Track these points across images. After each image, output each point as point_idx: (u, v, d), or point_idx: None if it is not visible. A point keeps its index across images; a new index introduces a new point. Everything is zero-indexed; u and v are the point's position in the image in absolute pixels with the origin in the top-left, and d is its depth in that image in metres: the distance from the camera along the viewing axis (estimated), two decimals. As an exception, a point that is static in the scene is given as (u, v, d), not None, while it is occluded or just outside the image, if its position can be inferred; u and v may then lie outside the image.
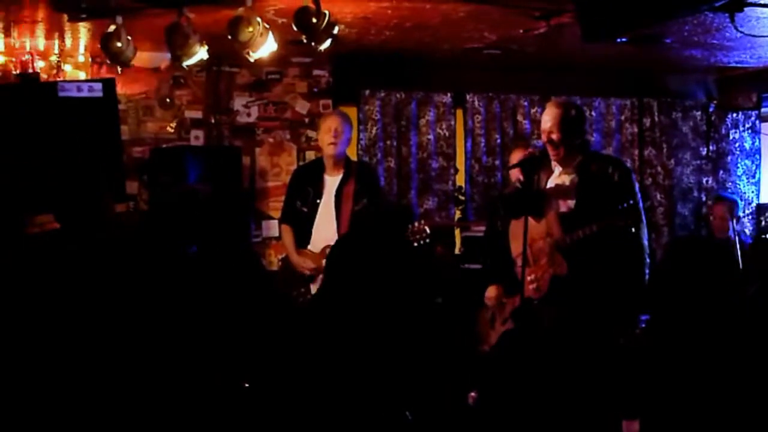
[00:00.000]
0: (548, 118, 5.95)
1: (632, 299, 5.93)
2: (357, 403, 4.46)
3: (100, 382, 4.37)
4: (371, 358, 4.53)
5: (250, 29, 6.16)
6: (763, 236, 7.17)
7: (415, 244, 7.04)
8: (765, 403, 3.78)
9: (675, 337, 3.98)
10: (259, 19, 6.21)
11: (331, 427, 4.27)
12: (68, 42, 7.97)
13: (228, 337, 4.74)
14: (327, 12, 6.03)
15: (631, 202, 5.67)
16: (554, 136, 5.90)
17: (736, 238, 8.06)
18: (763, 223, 7.25)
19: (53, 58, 8.35)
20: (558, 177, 6.04)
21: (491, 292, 6.48)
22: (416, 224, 6.98)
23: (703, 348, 3.88)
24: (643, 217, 5.96)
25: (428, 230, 6.97)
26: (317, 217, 7.09)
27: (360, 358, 4.50)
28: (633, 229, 5.74)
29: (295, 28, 6.09)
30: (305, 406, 4.39)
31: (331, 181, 7.11)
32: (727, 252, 4.00)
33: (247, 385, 4.65)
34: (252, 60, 6.52)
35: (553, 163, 6.06)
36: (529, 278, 5.89)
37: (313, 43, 6.16)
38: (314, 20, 5.99)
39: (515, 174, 6.60)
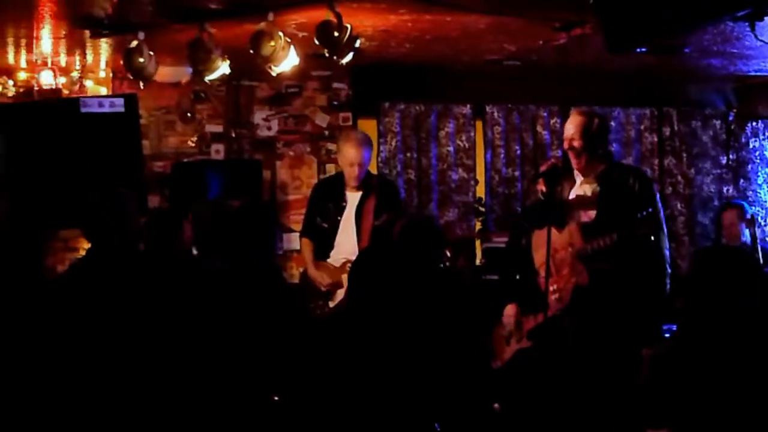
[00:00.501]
0: (571, 126, 5.97)
1: (654, 308, 5.93)
2: (383, 414, 4.46)
3: (128, 396, 4.39)
4: (397, 371, 4.53)
5: (272, 43, 6.18)
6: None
7: (440, 265, 7.05)
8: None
9: (705, 346, 3.96)
10: (281, 33, 6.23)
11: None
12: (89, 58, 8.01)
13: (254, 352, 4.76)
14: (349, 25, 6.05)
15: (651, 210, 5.66)
16: (576, 144, 5.90)
17: (756, 245, 8.07)
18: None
19: (75, 74, 8.40)
20: (580, 187, 6.05)
21: (510, 310, 6.46)
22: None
23: (734, 357, 3.87)
24: (664, 227, 5.96)
25: (449, 253, 7.00)
26: (338, 232, 7.11)
27: (386, 371, 4.50)
28: (653, 238, 5.74)
29: (317, 42, 6.10)
30: (334, 419, 4.40)
31: (352, 197, 7.12)
32: (756, 261, 4.01)
33: (276, 398, 4.66)
34: (274, 74, 6.55)
35: (575, 173, 6.07)
36: (551, 288, 5.88)
37: (335, 57, 6.17)
38: (336, 34, 6.00)
39: (541, 183, 6.60)
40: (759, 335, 3.95)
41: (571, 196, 6.06)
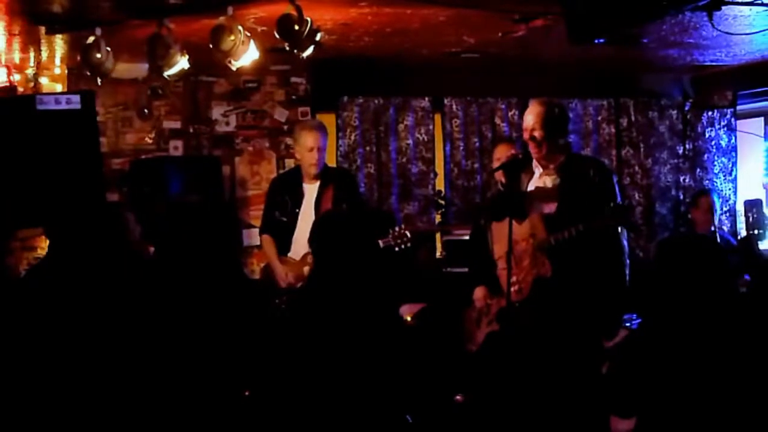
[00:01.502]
0: (531, 116, 5.95)
1: (614, 299, 5.95)
2: (351, 406, 4.46)
3: (88, 389, 4.35)
4: (358, 360, 4.53)
5: (232, 38, 6.14)
6: (752, 232, 7.21)
7: (397, 249, 7.06)
8: (761, 401, 3.79)
9: (670, 336, 3.97)
10: (240, 28, 6.19)
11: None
12: (44, 54, 7.92)
13: (219, 346, 4.73)
14: (309, 19, 6.01)
15: (618, 202, 5.69)
16: (537, 134, 5.89)
17: (717, 233, 8.14)
18: (751, 219, 7.28)
19: (30, 71, 8.30)
20: (539, 179, 6.05)
21: (479, 292, 6.46)
22: (398, 229, 7.01)
23: (699, 346, 3.89)
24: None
25: (409, 235, 7.00)
26: (297, 225, 7.09)
27: (346, 360, 4.51)
28: (619, 229, 5.77)
29: (277, 36, 6.07)
30: (301, 410, 4.39)
31: (310, 189, 7.11)
32: (721, 249, 4.03)
33: (247, 393, 4.64)
34: (234, 68, 6.50)
35: (534, 165, 6.06)
36: (512, 280, 5.88)
37: (296, 51, 6.13)
38: (297, 27, 5.97)
39: (500, 175, 6.60)
40: (723, 324, 3.96)
41: (530, 188, 6.06)
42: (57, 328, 4.44)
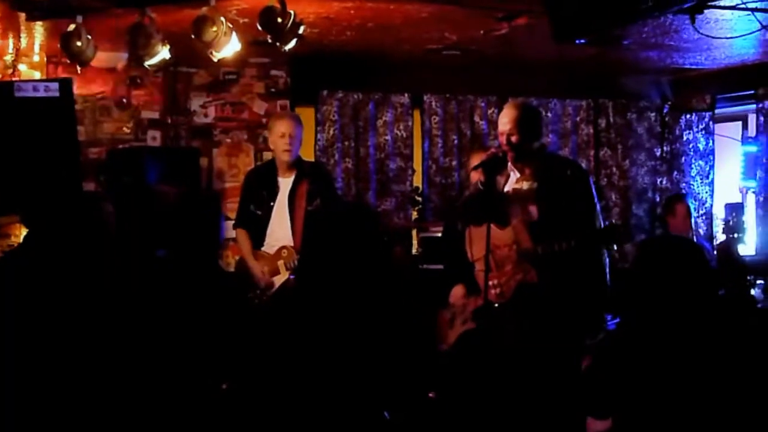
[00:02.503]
0: (506, 120, 5.91)
1: (596, 303, 5.96)
2: (329, 402, 4.45)
3: (73, 384, 4.33)
4: (338, 355, 4.53)
5: (214, 29, 6.12)
6: (731, 236, 7.25)
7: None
8: (741, 402, 3.80)
9: (648, 336, 3.98)
10: (223, 19, 6.17)
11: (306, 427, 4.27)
12: (24, 41, 7.86)
13: (200, 340, 4.72)
14: (292, 12, 6.00)
15: (614, 221, 5.71)
16: (513, 138, 5.86)
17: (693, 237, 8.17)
18: (730, 222, 7.32)
19: (8, 58, 8.23)
20: (516, 182, 6.03)
21: (457, 291, 6.45)
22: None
23: (677, 347, 3.90)
24: (601, 219, 5.99)
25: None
26: (271, 218, 7.07)
27: (326, 355, 4.50)
28: (615, 247, 5.80)
29: (260, 28, 6.05)
30: (279, 404, 4.38)
31: (285, 183, 7.09)
32: (701, 250, 4.03)
33: (225, 386, 4.63)
34: (216, 60, 6.48)
35: (510, 167, 6.04)
36: (491, 283, 5.86)
37: (278, 44, 6.12)
38: (280, 20, 5.95)
39: (476, 176, 6.59)
40: (703, 325, 3.97)
41: (507, 189, 6.05)
42: (29, 316, 4.41)
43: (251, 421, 4.45)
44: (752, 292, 7.36)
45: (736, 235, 7.37)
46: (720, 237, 8.83)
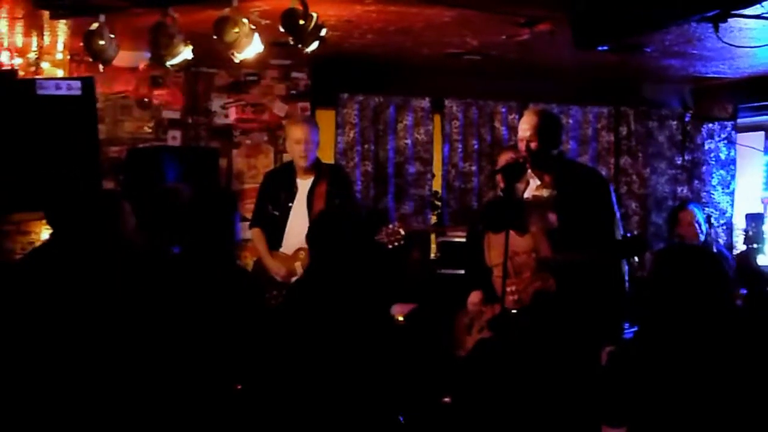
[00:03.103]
0: (526, 126, 5.91)
1: (614, 312, 5.94)
2: (344, 405, 4.45)
3: (82, 383, 4.34)
4: (350, 358, 4.53)
5: (236, 30, 6.11)
6: (750, 246, 7.22)
7: (390, 246, 7.04)
8: (758, 412, 3.79)
9: (665, 346, 3.96)
10: (245, 20, 6.17)
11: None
12: (47, 39, 7.89)
13: (215, 340, 4.72)
14: (314, 14, 6.00)
15: (635, 232, 5.68)
16: (532, 145, 5.86)
17: (712, 245, 8.12)
18: (750, 233, 7.29)
19: (31, 56, 8.27)
20: (535, 190, 6.02)
21: (474, 297, 6.44)
22: (391, 226, 6.99)
23: (693, 357, 3.88)
24: (620, 227, 5.97)
25: (403, 232, 6.98)
26: (290, 219, 7.09)
27: (339, 357, 4.50)
28: (636, 259, 5.79)
29: (282, 30, 6.05)
30: (293, 406, 4.38)
31: (303, 184, 7.11)
32: (719, 260, 4.02)
33: (239, 387, 4.63)
34: (237, 61, 6.48)
35: (529, 174, 6.03)
36: (509, 289, 5.85)
37: (299, 46, 6.12)
38: (302, 22, 5.95)
39: (499, 179, 6.59)
40: (720, 335, 3.95)
41: (527, 195, 6.04)
42: (50, 314, 4.42)
43: (265, 422, 4.45)
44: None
45: (755, 246, 7.33)
46: (741, 247, 8.79)
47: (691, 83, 10.05)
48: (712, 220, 8.94)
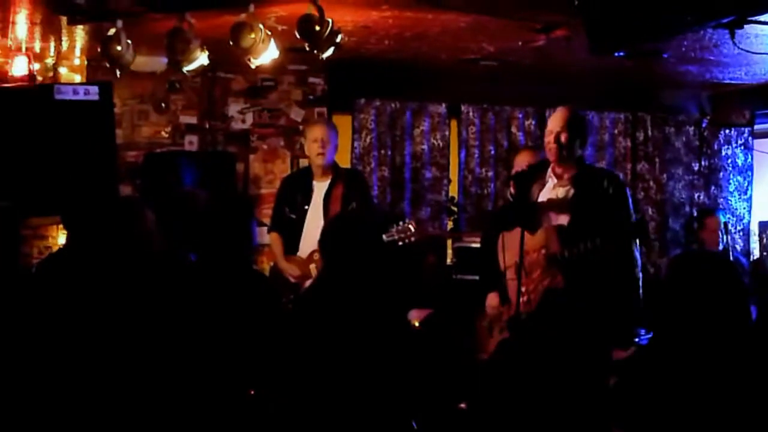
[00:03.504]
0: (558, 118, 5.94)
1: (627, 311, 5.92)
2: (358, 410, 4.45)
3: (103, 389, 4.35)
4: (365, 363, 4.53)
5: (253, 35, 6.15)
6: (764, 254, 7.22)
7: (400, 243, 7.02)
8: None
9: (679, 352, 3.96)
10: (261, 26, 6.20)
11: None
12: (65, 44, 7.94)
13: (231, 346, 4.72)
14: (330, 20, 6.02)
15: (639, 216, 5.68)
16: (563, 137, 5.87)
17: (729, 252, 8.11)
18: (764, 240, 7.28)
19: (49, 61, 8.32)
20: (552, 189, 6.02)
21: (492, 299, 6.44)
22: (401, 223, 6.98)
23: (708, 365, 3.87)
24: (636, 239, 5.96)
25: (413, 228, 6.95)
26: (306, 222, 7.11)
27: (354, 362, 4.51)
28: (638, 242, 5.76)
29: (298, 36, 6.07)
30: (307, 412, 4.39)
31: (320, 187, 7.13)
32: (734, 267, 4.01)
33: (252, 392, 4.63)
34: (253, 66, 6.52)
35: (548, 175, 6.04)
36: (521, 290, 5.85)
37: (315, 51, 6.14)
38: (318, 28, 5.97)
39: (511, 188, 6.60)
40: (734, 343, 3.94)
41: (542, 198, 6.04)
42: (66, 320, 4.44)
43: (280, 428, 4.46)
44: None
45: (768, 253, 7.34)
46: (757, 253, 8.79)
47: (708, 89, 10.04)
48: (729, 227, 8.91)
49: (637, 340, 6.70)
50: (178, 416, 4.43)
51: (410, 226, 6.91)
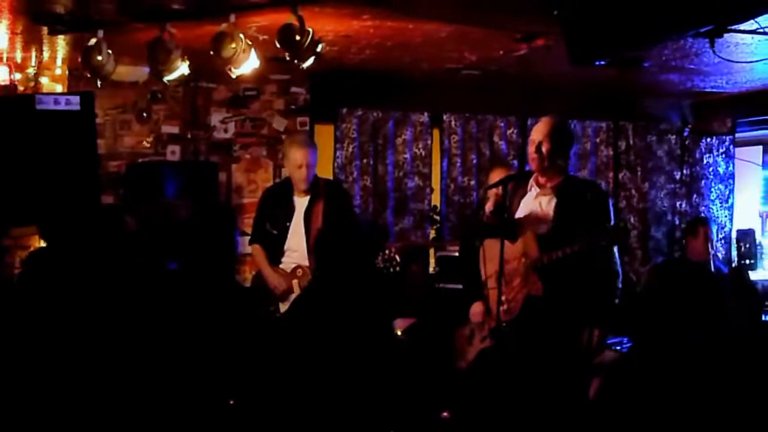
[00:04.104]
0: (541, 128, 5.92)
1: (603, 320, 5.91)
2: (339, 417, 4.45)
3: (83, 397, 4.34)
4: (348, 372, 4.53)
5: (233, 45, 6.14)
6: (743, 262, 7.24)
7: (386, 272, 7.04)
8: (751, 425, 3.80)
9: (659, 359, 3.98)
10: (242, 36, 6.20)
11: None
12: (46, 54, 7.92)
13: (211, 354, 4.72)
14: (311, 30, 6.02)
15: (615, 222, 5.67)
16: (544, 147, 5.86)
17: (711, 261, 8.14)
18: (743, 249, 7.30)
19: (30, 71, 8.31)
20: (535, 198, 6.02)
21: (476, 308, 6.44)
22: (387, 252, 6.98)
23: (688, 370, 3.89)
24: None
25: (398, 258, 6.98)
26: (288, 238, 7.07)
27: (337, 371, 4.51)
28: (615, 248, 5.76)
29: (278, 45, 6.07)
30: (288, 421, 4.39)
31: (300, 202, 7.08)
32: (712, 276, 4.02)
33: (232, 402, 4.63)
34: (234, 76, 6.51)
35: (530, 184, 6.04)
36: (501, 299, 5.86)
37: (296, 61, 6.14)
38: (298, 38, 5.97)
39: (493, 193, 6.60)
40: (712, 349, 3.97)
41: (523, 206, 6.04)
42: (46, 325, 4.44)
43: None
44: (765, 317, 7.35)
45: (748, 261, 7.34)
46: (737, 262, 8.82)
47: (689, 98, 10.08)
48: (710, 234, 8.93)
49: (619, 347, 6.72)
50: (156, 423, 4.43)
51: (395, 256, 6.94)
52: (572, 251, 5.62)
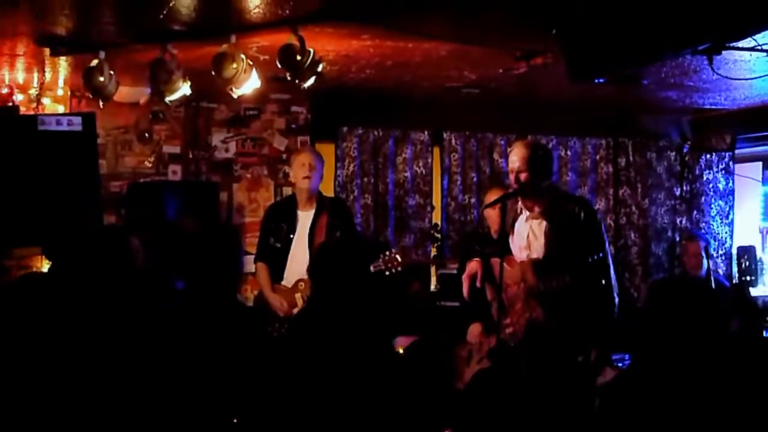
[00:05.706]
0: (516, 158, 5.91)
1: (602, 338, 5.93)
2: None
3: (83, 412, 4.35)
4: (349, 390, 4.55)
5: (234, 66, 6.17)
6: (744, 278, 7.25)
7: (387, 273, 7.04)
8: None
9: (660, 376, 3.99)
10: (243, 56, 6.23)
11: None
12: (48, 75, 7.95)
13: (216, 374, 4.74)
14: (311, 49, 6.05)
15: (601, 255, 5.65)
16: (522, 176, 5.87)
17: (710, 276, 8.15)
18: (743, 265, 7.32)
19: (32, 92, 8.33)
20: (526, 222, 6.03)
21: (474, 329, 6.47)
22: (388, 253, 6.99)
23: (689, 387, 3.90)
24: (609, 256, 5.95)
25: (400, 259, 6.97)
26: (291, 251, 7.09)
27: (338, 389, 4.52)
28: (603, 282, 5.76)
29: (279, 65, 6.10)
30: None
31: (305, 216, 7.12)
32: (712, 292, 4.04)
33: (235, 420, 4.65)
34: (235, 96, 6.54)
35: (519, 207, 6.06)
36: (505, 322, 5.89)
37: (297, 81, 6.17)
38: (299, 57, 6.00)
39: (489, 212, 6.64)
40: (713, 366, 3.97)
41: (517, 228, 6.06)
42: (48, 344, 4.45)
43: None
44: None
45: (749, 278, 7.36)
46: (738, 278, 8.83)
47: (688, 114, 10.09)
48: (711, 251, 8.95)
49: (619, 365, 6.73)
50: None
51: (397, 256, 6.94)
52: (564, 283, 5.64)
